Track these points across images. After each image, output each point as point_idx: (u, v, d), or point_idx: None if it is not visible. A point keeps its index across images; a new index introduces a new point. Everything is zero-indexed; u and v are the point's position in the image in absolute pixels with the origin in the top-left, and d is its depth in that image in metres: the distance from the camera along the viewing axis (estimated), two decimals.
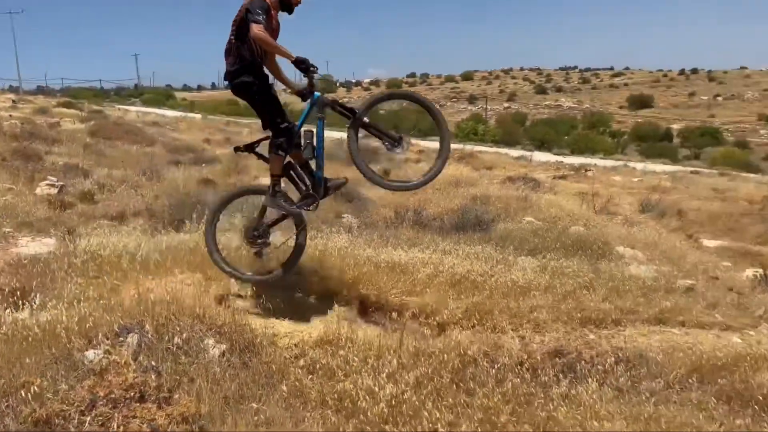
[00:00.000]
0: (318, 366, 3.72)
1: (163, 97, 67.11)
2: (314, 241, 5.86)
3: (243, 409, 3.30)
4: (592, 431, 3.12)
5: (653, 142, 58.40)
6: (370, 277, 5.21)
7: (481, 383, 3.65)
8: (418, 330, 4.55)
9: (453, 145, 17.19)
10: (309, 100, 4.51)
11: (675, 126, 77.55)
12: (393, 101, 5.47)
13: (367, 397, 3.33)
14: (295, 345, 4.08)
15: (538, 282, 5.79)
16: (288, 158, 4.57)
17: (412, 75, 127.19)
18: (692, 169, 34.28)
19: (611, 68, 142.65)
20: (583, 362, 4.00)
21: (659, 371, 4.02)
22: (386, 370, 3.57)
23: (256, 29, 4.18)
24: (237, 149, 4.86)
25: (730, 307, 5.85)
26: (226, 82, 4.60)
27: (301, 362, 3.77)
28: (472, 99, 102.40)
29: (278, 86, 4.99)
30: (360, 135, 4.56)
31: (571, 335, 4.60)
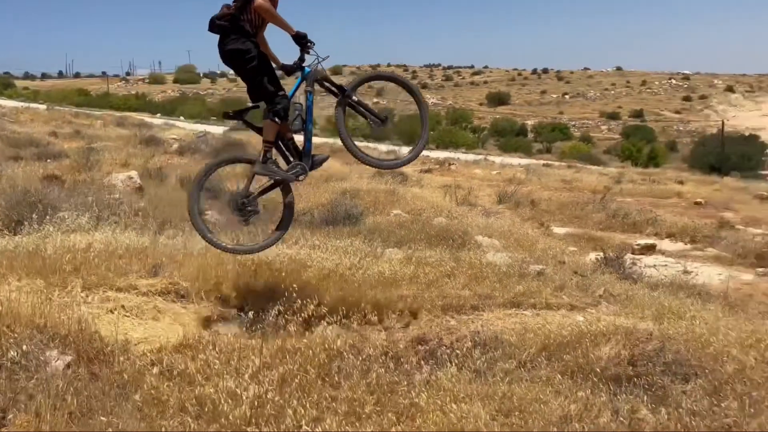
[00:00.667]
0: (176, 372, 3.54)
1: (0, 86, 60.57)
2: (172, 241, 5.58)
3: (91, 424, 3.05)
4: (451, 413, 3.25)
5: (510, 137, 62.42)
6: (234, 276, 5.06)
7: (347, 376, 3.67)
8: (283, 327, 4.48)
9: (324, 141, 17.14)
10: (300, 74, 4.61)
11: (529, 122, 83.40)
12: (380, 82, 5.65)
13: (229, 400, 3.22)
14: (152, 351, 3.84)
15: (403, 273, 5.93)
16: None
17: None
18: (544, 162, 37.07)
19: (472, 66, 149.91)
20: (444, 348, 4.16)
21: (513, 352, 4.28)
22: (249, 371, 3.48)
23: (261, 0, 4.31)
24: (227, 115, 4.86)
25: (574, 289, 6.37)
26: (220, 51, 4.53)
27: (157, 369, 3.55)
28: None
29: None
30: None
31: (433, 322, 4.78)
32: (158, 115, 50.43)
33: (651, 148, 58.59)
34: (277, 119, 4.52)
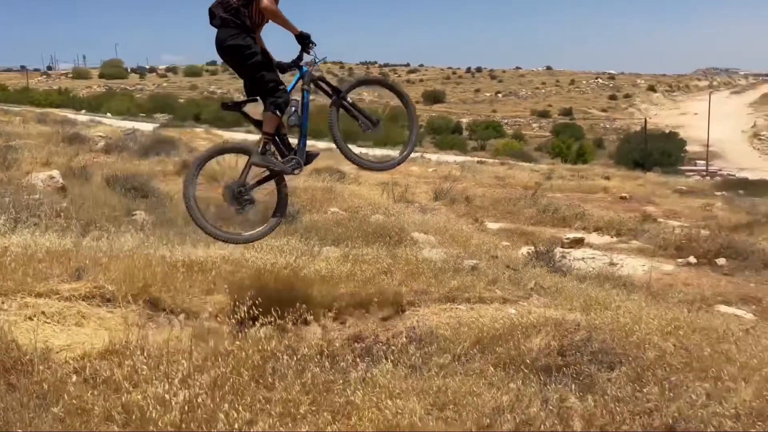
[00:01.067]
0: (101, 379, 3.39)
1: None
2: (97, 243, 5.34)
3: None
4: (386, 410, 3.27)
5: (446, 135, 63.40)
6: (164, 278, 4.89)
7: (281, 377, 3.62)
8: (217, 329, 4.37)
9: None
10: (298, 72, 4.78)
11: (464, 120, 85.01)
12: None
13: (158, 407, 3.11)
14: (75, 359, 3.67)
15: (340, 271, 5.91)
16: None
17: (213, 63, 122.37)
18: (479, 159, 37.89)
19: (408, 64, 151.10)
20: (380, 344, 4.17)
21: (447, 346, 4.34)
22: (179, 376, 3.37)
23: (268, 2, 4.43)
24: (225, 106, 4.85)
25: (507, 282, 6.52)
26: (218, 45, 4.58)
27: (76, 378, 3.38)
28: None
29: None
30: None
31: (369, 320, 4.78)
32: (83, 111, 48.28)
33: (580, 145, 60.94)
34: (278, 112, 4.63)
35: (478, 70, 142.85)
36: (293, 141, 4.85)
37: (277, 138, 4.73)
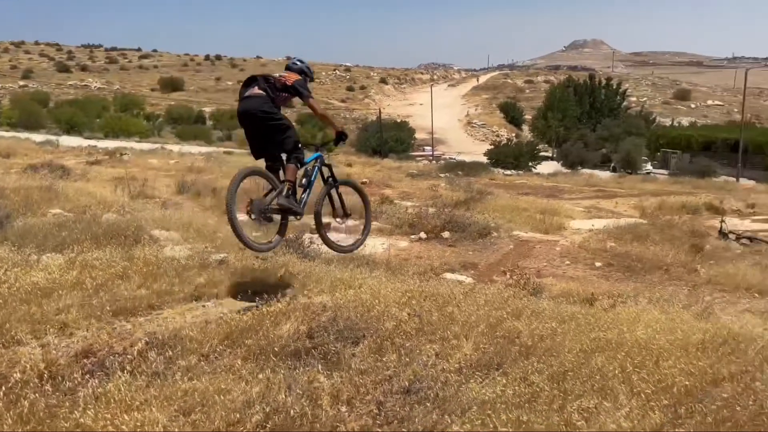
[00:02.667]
0: None
1: None
2: None
3: None
4: (123, 425, 2.97)
5: (188, 125, 60.56)
6: None
7: None
8: None
9: None
10: (315, 152, 6.09)
11: (207, 109, 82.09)
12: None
13: None
14: None
15: (65, 280, 5.23)
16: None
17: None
18: (225, 149, 37.02)
19: (139, 49, 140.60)
20: (115, 356, 3.79)
21: (194, 347, 4.14)
22: None
23: (315, 103, 5.78)
24: (267, 158, 5.83)
25: (257, 272, 6.47)
26: (249, 108, 5.55)
27: None
28: None
29: None
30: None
31: (102, 330, 4.30)
32: None
33: (323, 134, 63.29)
34: (299, 165, 5.76)
35: (218, 57, 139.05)
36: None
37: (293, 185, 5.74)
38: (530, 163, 49.83)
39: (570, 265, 11.10)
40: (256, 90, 5.59)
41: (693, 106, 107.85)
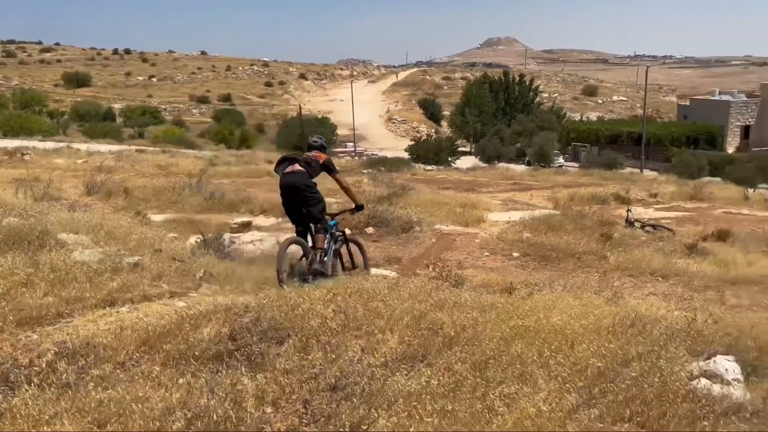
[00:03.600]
0: None
1: None
2: None
3: None
4: None
5: (96, 122, 57.52)
6: None
7: None
8: None
9: None
10: (332, 220, 7.25)
11: (116, 105, 78.33)
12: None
13: None
14: None
15: None
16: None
17: None
18: (137, 147, 35.44)
19: (40, 42, 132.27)
20: (20, 368, 3.54)
21: (108, 355, 3.94)
22: None
23: (342, 178, 7.40)
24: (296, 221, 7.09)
25: (174, 275, 6.25)
26: (293, 180, 6.83)
27: None
28: None
29: None
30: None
31: (5, 342, 4.02)
32: None
33: (241, 130, 62.02)
34: (327, 234, 6.89)
35: (127, 51, 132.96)
36: None
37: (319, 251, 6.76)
38: (450, 159, 50.91)
39: (489, 257, 11.42)
40: (297, 167, 6.78)
41: (600, 101, 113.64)
